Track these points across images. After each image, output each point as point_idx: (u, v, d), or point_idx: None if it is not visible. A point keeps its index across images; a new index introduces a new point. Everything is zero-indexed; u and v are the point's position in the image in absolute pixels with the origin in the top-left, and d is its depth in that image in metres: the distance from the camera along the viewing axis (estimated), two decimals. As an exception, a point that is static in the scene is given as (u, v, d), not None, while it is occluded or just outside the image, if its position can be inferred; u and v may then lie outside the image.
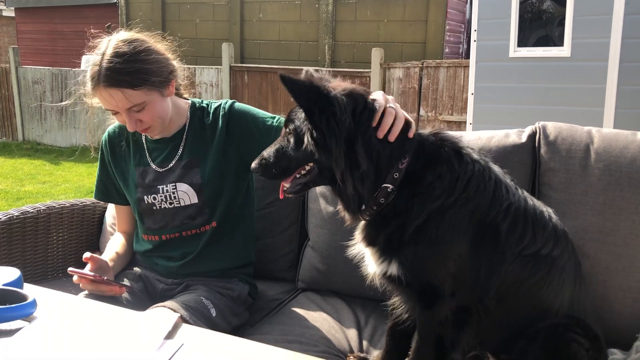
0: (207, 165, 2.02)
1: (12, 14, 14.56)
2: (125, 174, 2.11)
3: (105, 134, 2.16)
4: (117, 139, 2.13)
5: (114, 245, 2.15)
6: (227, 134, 2.03)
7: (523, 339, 1.50)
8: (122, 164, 2.12)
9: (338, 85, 1.47)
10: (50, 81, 10.51)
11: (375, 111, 1.45)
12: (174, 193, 2.01)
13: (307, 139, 1.42)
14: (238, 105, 2.10)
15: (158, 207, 2.03)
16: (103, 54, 1.83)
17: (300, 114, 1.46)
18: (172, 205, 2.02)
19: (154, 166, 2.05)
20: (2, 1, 15.17)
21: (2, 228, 2.27)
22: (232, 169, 2.05)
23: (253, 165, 1.55)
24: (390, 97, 1.53)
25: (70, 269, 1.79)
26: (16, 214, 2.34)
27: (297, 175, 1.52)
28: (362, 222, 1.58)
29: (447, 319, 1.51)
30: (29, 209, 2.39)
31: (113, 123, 2.16)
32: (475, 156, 1.54)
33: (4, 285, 1.37)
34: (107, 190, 2.19)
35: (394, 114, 1.46)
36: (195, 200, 2.01)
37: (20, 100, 10.89)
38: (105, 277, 1.83)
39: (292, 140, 1.49)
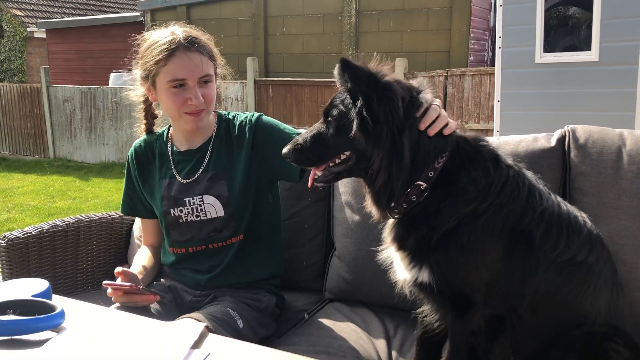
0: (233, 177, 2.01)
1: (43, 35, 14.98)
2: (152, 187, 2.12)
3: (132, 149, 2.18)
4: (144, 154, 2.14)
5: (141, 258, 2.16)
6: (253, 147, 2.03)
7: (558, 348, 1.46)
8: (149, 178, 2.13)
9: (387, 74, 1.47)
10: (80, 99, 10.74)
11: (422, 104, 1.46)
12: (200, 205, 2.01)
13: (355, 125, 1.40)
14: (265, 118, 2.10)
15: (184, 220, 2.03)
16: (172, 32, 1.93)
17: (347, 100, 1.45)
18: (199, 218, 2.02)
19: (179, 178, 2.05)
20: (34, 23, 15.62)
21: (32, 242, 2.31)
22: (257, 182, 2.04)
23: (285, 150, 1.53)
24: (437, 100, 1.54)
25: (105, 282, 1.78)
26: (46, 227, 2.37)
27: (331, 164, 1.51)
28: (391, 222, 1.56)
29: (479, 329, 1.48)
30: (58, 223, 2.42)
31: (140, 137, 2.18)
32: (510, 162, 1.52)
33: (32, 296, 1.39)
34: (133, 204, 2.20)
35: (438, 111, 1.49)
36: (221, 213, 2.01)
37: (52, 119, 11.15)
38: (141, 286, 1.84)
39: (332, 126, 1.47)
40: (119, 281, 1.84)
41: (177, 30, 1.95)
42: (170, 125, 2.14)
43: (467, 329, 1.49)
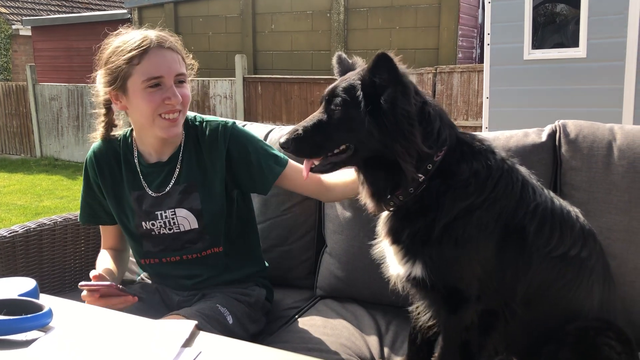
0: (206, 190, 1.94)
1: (29, 33, 14.81)
2: (118, 197, 1.99)
3: (90, 152, 2.01)
4: (105, 159, 1.99)
5: (105, 263, 2.04)
6: (226, 159, 1.94)
7: (551, 343, 1.46)
8: (114, 187, 1.99)
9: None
10: (67, 97, 10.64)
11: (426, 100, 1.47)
12: (173, 219, 1.94)
13: (367, 118, 1.38)
14: (239, 129, 1.99)
15: (157, 233, 1.96)
16: (142, 33, 1.84)
17: (355, 92, 1.41)
18: (172, 230, 1.94)
19: (149, 191, 1.94)
20: (19, 21, 15.45)
21: (19, 240, 2.28)
22: (230, 192, 1.99)
23: (282, 140, 1.47)
24: None
25: (81, 283, 1.70)
26: (33, 226, 2.34)
27: (329, 154, 1.47)
28: (385, 214, 1.55)
29: (472, 324, 1.47)
30: (45, 221, 2.39)
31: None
32: (504, 156, 1.52)
33: (19, 295, 1.36)
34: (94, 212, 2.07)
35: None
36: (195, 225, 1.94)
37: (38, 117, 11.04)
38: (120, 286, 1.78)
39: (336, 116, 1.44)
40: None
41: (146, 32, 1.86)
42: (131, 130, 1.99)
43: (460, 324, 1.48)
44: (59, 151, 11.04)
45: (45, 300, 1.37)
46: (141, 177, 1.96)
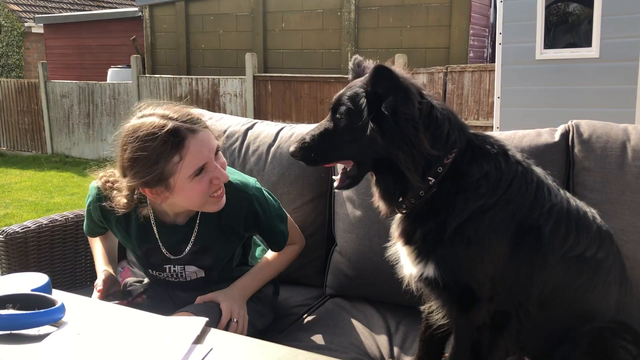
0: (219, 250, 1.94)
1: (41, 31, 14.93)
2: (126, 241, 1.99)
3: (94, 197, 1.93)
4: (113, 215, 1.87)
5: (101, 249, 2.07)
6: (244, 229, 1.93)
7: (566, 344, 1.45)
8: (119, 233, 1.97)
9: (407, 76, 1.46)
10: (78, 94, 10.70)
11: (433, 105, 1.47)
12: (181, 273, 1.95)
13: (370, 125, 1.39)
14: (261, 202, 1.91)
15: (162, 279, 1.98)
16: (163, 117, 1.68)
17: (360, 100, 1.43)
18: (178, 280, 1.97)
19: (163, 249, 1.91)
20: (31, 19, 15.56)
21: (31, 236, 2.29)
22: (240, 244, 2.00)
23: (292, 149, 1.52)
24: None
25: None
26: (45, 222, 2.35)
27: (348, 169, 1.51)
28: (398, 217, 1.55)
29: (485, 324, 1.46)
30: (57, 217, 2.40)
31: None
32: (519, 157, 1.51)
33: (32, 290, 1.37)
34: (99, 229, 2.07)
35: None
36: (201, 275, 1.96)
37: (49, 114, 11.12)
38: (130, 298, 1.84)
39: (341, 124, 1.46)
40: (94, 296, 1.84)
41: (170, 119, 1.68)
42: None
43: (472, 324, 1.47)
44: (69, 148, 11.11)
45: (58, 296, 1.38)
46: (155, 232, 1.89)
